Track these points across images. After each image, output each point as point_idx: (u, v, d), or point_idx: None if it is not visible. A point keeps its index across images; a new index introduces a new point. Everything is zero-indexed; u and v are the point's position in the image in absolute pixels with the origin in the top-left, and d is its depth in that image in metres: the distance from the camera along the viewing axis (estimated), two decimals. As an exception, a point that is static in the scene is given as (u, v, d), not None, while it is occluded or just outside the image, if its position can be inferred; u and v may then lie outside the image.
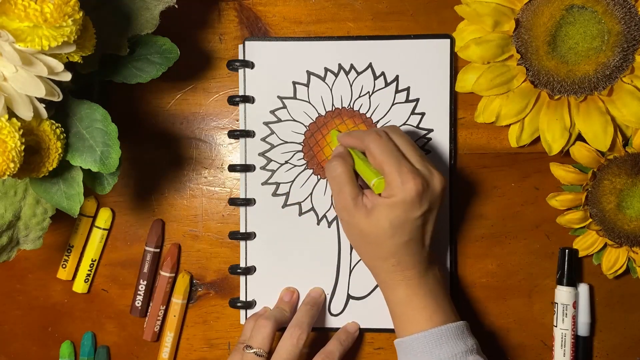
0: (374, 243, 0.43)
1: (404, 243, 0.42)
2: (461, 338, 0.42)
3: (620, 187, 0.47)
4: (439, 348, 0.41)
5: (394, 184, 0.41)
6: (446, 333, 0.42)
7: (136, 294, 0.52)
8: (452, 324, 0.42)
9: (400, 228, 0.41)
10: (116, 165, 0.40)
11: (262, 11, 0.51)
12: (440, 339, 0.42)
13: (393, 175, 0.41)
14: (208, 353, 0.53)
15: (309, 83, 0.50)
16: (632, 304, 0.51)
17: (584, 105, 0.46)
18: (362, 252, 0.45)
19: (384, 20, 0.50)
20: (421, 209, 0.41)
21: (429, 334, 0.42)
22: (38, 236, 0.45)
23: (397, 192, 0.41)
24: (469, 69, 0.48)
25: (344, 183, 0.43)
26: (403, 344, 0.43)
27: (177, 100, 0.52)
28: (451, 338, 0.42)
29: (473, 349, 0.42)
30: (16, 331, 0.54)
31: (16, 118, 0.35)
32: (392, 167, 0.41)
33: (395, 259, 0.43)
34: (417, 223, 0.42)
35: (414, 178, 0.41)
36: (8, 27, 0.33)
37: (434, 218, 0.43)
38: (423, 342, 0.42)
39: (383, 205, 0.41)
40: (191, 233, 0.52)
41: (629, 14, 0.44)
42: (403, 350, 0.43)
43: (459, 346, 0.42)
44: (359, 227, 0.43)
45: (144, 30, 0.42)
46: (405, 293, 0.43)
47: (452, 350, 0.41)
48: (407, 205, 0.41)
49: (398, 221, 0.41)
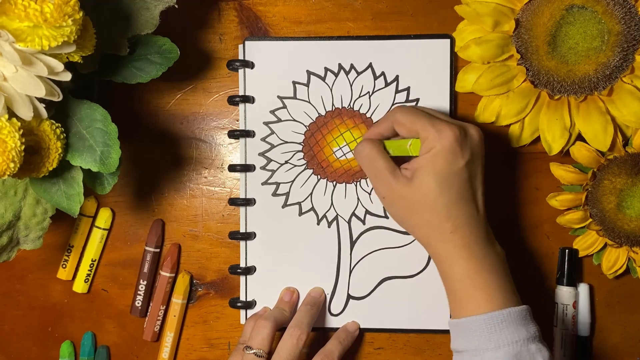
0: (424, 209, 0.40)
1: (455, 202, 0.40)
2: (523, 324, 0.39)
3: (620, 187, 0.47)
4: (499, 333, 0.38)
5: (430, 137, 0.40)
6: (507, 317, 0.38)
7: (136, 294, 0.52)
8: (514, 308, 0.39)
9: (447, 182, 0.39)
10: (116, 165, 0.40)
11: (262, 11, 0.51)
12: (501, 324, 0.38)
13: (428, 130, 0.40)
14: (208, 353, 0.53)
15: (309, 83, 0.50)
16: (632, 304, 0.51)
17: (584, 105, 0.46)
18: (415, 226, 0.42)
19: (384, 20, 0.50)
20: (464, 158, 0.40)
21: (488, 317, 0.38)
22: (38, 236, 0.45)
23: (435, 143, 0.39)
24: (469, 69, 0.48)
25: (376, 158, 0.42)
26: (459, 326, 0.40)
27: (177, 100, 0.52)
28: (512, 323, 0.38)
29: (535, 337, 0.39)
30: (16, 331, 0.54)
31: (16, 118, 0.35)
32: (425, 123, 0.40)
33: (450, 223, 0.40)
34: (463, 175, 0.40)
35: (448, 125, 0.40)
36: (8, 27, 0.33)
37: (480, 173, 0.42)
38: (482, 325, 0.38)
39: (424, 162, 0.40)
40: (191, 233, 0.52)
41: (629, 14, 0.44)
42: (458, 332, 0.40)
43: (521, 332, 0.38)
44: (404, 198, 0.41)
45: (144, 30, 0.42)
46: (466, 268, 0.40)
47: (513, 337, 0.38)
48: (448, 153, 0.39)
49: (442, 174, 0.39)
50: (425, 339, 0.51)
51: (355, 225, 0.50)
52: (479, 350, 0.39)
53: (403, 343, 0.51)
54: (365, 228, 0.50)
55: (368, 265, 0.50)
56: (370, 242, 0.50)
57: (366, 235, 0.50)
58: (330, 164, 0.50)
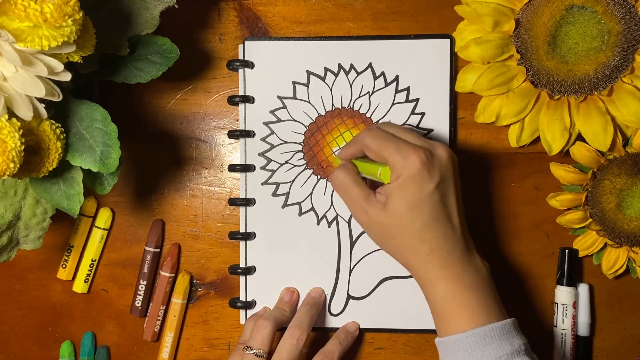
0: (399, 234, 0.41)
1: (428, 225, 0.40)
2: (507, 338, 0.39)
3: (620, 187, 0.47)
4: (482, 350, 0.38)
5: (397, 164, 0.40)
6: (490, 333, 0.39)
7: (136, 294, 0.52)
8: (496, 324, 0.39)
9: (418, 207, 0.39)
10: (116, 165, 0.40)
11: (262, 11, 0.51)
12: (484, 340, 0.39)
13: (394, 156, 0.40)
14: (208, 353, 0.53)
15: (308, 83, 0.50)
16: (632, 304, 0.51)
17: (584, 105, 0.46)
18: (393, 250, 0.43)
19: (384, 20, 0.50)
20: (433, 181, 0.40)
21: (470, 334, 0.39)
22: (38, 236, 0.45)
23: (402, 171, 0.39)
24: (469, 69, 0.48)
25: (350, 187, 0.43)
26: (443, 344, 0.41)
27: (177, 100, 0.52)
28: (495, 339, 0.39)
29: (520, 350, 0.39)
30: (16, 331, 0.54)
31: (16, 118, 0.35)
32: (391, 148, 0.40)
33: (426, 246, 0.40)
34: (434, 198, 0.40)
35: (414, 150, 0.39)
36: (8, 27, 0.33)
37: (453, 192, 0.41)
38: (464, 343, 0.39)
39: (394, 189, 0.40)
40: (191, 233, 0.52)
41: (629, 14, 0.44)
42: (443, 350, 0.41)
43: (504, 347, 0.38)
44: (380, 224, 0.41)
45: (144, 30, 0.42)
46: (445, 288, 0.40)
47: (496, 352, 0.38)
48: (416, 179, 0.39)
49: (413, 200, 0.39)
50: (425, 339, 0.51)
51: (355, 225, 0.50)
52: None
53: (403, 343, 0.51)
54: (365, 228, 0.50)
55: (368, 265, 0.50)
56: (370, 242, 0.50)
57: (366, 235, 0.50)
58: (330, 164, 0.50)
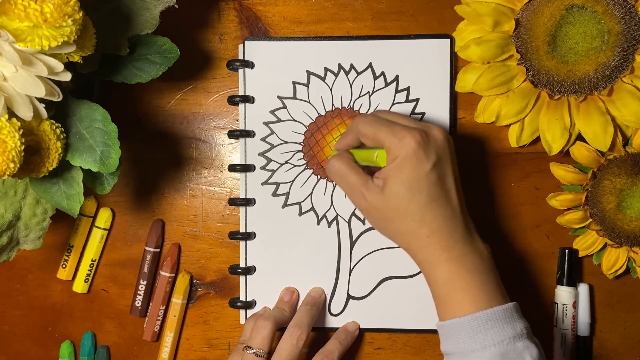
0: (398, 217, 0.40)
1: (427, 206, 0.40)
2: (509, 322, 0.38)
3: (620, 187, 0.47)
4: (484, 333, 0.38)
5: (392, 146, 0.40)
6: (492, 317, 0.38)
7: (136, 294, 0.52)
8: (498, 307, 0.39)
9: (416, 188, 0.39)
10: (116, 165, 0.40)
11: (262, 11, 0.51)
12: (486, 324, 0.38)
13: (389, 139, 0.40)
14: (208, 353, 0.53)
15: (308, 83, 0.50)
16: (632, 304, 0.51)
17: (584, 105, 0.46)
18: (393, 234, 0.43)
19: (384, 20, 0.50)
20: (429, 161, 0.39)
21: (472, 318, 0.38)
22: (38, 236, 0.45)
23: (398, 152, 0.39)
24: (469, 69, 0.48)
25: (347, 173, 0.42)
26: (444, 328, 0.40)
27: (177, 100, 0.52)
28: (497, 323, 0.38)
29: (522, 334, 0.38)
30: (16, 331, 0.54)
31: (16, 118, 0.35)
32: (385, 132, 0.40)
33: (425, 227, 0.40)
34: (431, 178, 0.40)
35: (409, 131, 0.39)
36: (8, 27, 0.33)
37: (451, 173, 0.41)
38: (466, 327, 0.38)
39: (391, 172, 0.40)
40: (191, 233, 0.52)
41: (629, 14, 0.44)
42: (444, 334, 0.40)
43: (506, 331, 0.38)
44: (379, 208, 0.41)
45: (144, 30, 0.42)
46: (447, 271, 0.40)
47: (499, 336, 0.38)
48: (412, 160, 0.39)
49: (410, 181, 0.39)
50: (425, 339, 0.51)
51: (355, 225, 0.50)
52: (465, 352, 0.38)
53: (403, 343, 0.51)
54: (365, 228, 0.50)
55: (368, 265, 0.50)
56: (370, 242, 0.50)
57: (366, 235, 0.50)
58: (330, 164, 0.50)
